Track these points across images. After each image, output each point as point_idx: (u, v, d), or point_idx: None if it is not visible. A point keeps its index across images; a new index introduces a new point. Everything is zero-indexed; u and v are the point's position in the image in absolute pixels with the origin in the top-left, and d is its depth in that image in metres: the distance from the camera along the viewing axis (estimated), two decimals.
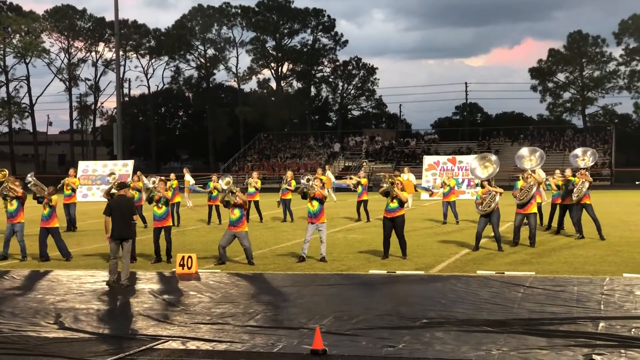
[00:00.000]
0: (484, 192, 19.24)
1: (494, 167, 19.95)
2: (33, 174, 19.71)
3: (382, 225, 18.21)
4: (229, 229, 17.64)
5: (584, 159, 22.71)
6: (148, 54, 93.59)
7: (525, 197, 19.72)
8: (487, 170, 19.96)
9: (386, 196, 17.83)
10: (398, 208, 17.73)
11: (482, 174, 19.92)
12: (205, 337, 10.52)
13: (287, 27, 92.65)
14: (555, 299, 12.66)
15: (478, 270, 15.93)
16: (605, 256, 17.75)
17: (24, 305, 13.17)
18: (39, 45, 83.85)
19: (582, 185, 21.29)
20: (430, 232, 23.94)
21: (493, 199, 19.07)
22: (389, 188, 17.67)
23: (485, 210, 19.08)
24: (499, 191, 19.20)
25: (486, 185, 19.33)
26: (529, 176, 20.00)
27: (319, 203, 17.74)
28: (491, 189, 19.17)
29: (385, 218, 17.92)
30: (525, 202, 19.76)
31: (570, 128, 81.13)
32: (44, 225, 18.95)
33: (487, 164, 20.07)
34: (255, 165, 70.92)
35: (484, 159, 20.36)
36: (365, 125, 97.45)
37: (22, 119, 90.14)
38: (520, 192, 19.84)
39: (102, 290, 14.68)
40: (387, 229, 17.89)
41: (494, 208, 19.12)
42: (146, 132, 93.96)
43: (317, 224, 17.76)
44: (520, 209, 19.86)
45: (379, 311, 11.99)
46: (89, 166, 48.93)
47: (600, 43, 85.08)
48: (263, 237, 23.26)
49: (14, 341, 10.52)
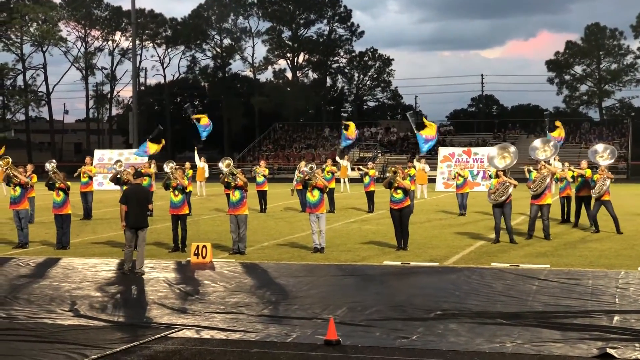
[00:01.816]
0: (499, 182, 19.23)
1: (512, 158, 19.88)
2: (54, 163, 19.77)
3: (391, 216, 18.29)
4: (230, 211, 17.79)
5: (603, 156, 22.64)
6: (164, 43, 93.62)
7: (540, 187, 19.77)
8: (505, 160, 19.92)
9: (390, 188, 17.87)
10: (403, 199, 17.80)
11: (500, 163, 19.89)
12: (220, 327, 10.55)
13: (303, 18, 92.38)
14: (569, 292, 12.63)
15: (492, 262, 15.90)
16: (620, 250, 17.67)
17: (40, 293, 13.24)
18: (56, 34, 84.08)
19: (603, 182, 21.15)
20: (445, 223, 23.90)
21: (506, 190, 19.10)
22: (392, 178, 17.69)
23: (497, 200, 19.15)
24: (514, 183, 19.20)
25: (501, 176, 19.32)
26: (543, 167, 20.00)
27: (319, 193, 17.84)
28: (506, 180, 19.16)
29: (393, 209, 18.01)
30: (539, 193, 19.80)
31: (586, 121, 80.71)
32: (57, 212, 18.98)
33: (506, 155, 20.03)
34: (270, 156, 70.95)
35: (504, 149, 20.33)
36: (381, 116, 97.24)
37: (39, 107, 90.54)
38: (534, 184, 19.88)
39: (117, 278, 14.74)
40: (396, 219, 18.01)
41: (507, 199, 19.12)
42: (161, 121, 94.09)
43: (317, 214, 17.81)
44: (534, 199, 19.93)
45: (392, 302, 11.99)
46: (105, 155, 49.09)
47: (618, 36, 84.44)
48: (278, 227, 23.29)
49: (29, 328, 10.59)
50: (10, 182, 19.54)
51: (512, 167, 20.50)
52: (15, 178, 19.45)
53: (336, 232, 21.87)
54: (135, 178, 16.62)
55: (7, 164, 19.86)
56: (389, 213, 18.42)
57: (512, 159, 19.90)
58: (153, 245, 19.01)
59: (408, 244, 18.11)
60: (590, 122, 79.80)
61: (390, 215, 18.39)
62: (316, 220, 17.79)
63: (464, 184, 26.79)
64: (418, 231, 21.59)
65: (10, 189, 19.86)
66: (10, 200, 19.73)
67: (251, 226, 21.88)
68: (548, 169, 20.05)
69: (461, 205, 26.76)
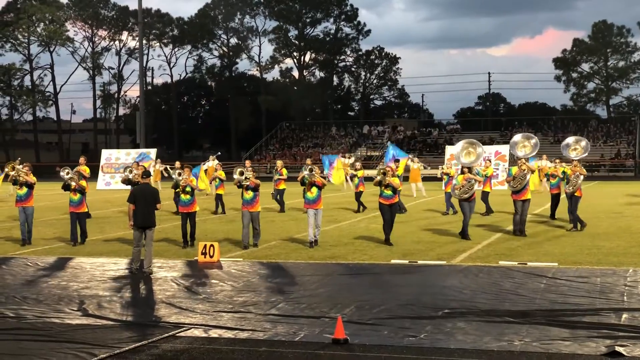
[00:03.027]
0: (464, 179, 19.66)
1: (477, 155, 20.35)
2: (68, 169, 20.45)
3: (380, 211, 19.14)
4: (244, 208, 18.60)
5: (576, 149, 22.58)
6: (171, 42, 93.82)
7: (519, 184, 19.94)
8: (470, 156, 20.35)
9: (380, 186, 18.83)
10: (393, 195, 18.91)
11: (465, 159, 20.27)
12: (228, 325, 10.56)
13: (309, 16, 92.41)
14: (578, 290, 12.61)
15: (500, 260, 15.88)
16: (628, 247, 17.63)
17: (48, 292, 13.28)
18: (63, 34, 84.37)
19: (577, 177, 21.10)
20: (452, 222, 23.85)
21: (472, 187, 19.56)
22: (381, 178, 18.71)
23: (462, 196, 19.58)
24: (479, 180, 19.99)
25: (467, 172, 19.78)
26: (522, 164, 20.16)
27: (317, 190, 18.75)
28: (471, 177, 19.65)
29: (383, 204, 18.91)
30: (519, 189, 19.97)
31: (594, 119, 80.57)
32: (73, 210, 19.78)
33: (471, 150, 20.44)
34: (278, 155, 70.97)
35: (470, 145, 20.66)
36: (388, 114, 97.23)
37: (46, 107, 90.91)
38: (514, 180, 20.05)
39: (125, 278, 14.77)
40: (387, 214, 18.92)
41: (472, 195, 19.62)
42: (169, 120, 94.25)
43: (315, 209, 18.70)
44: (515, 195, 20.13)
45: (400, 301, 11.99)
46: (112, 154, 49.20)
47: (625, 33, 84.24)
48: (285, 226, 23.30)
49: (38, 327, 10.62)
50: (17, 182, 20.25)
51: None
52: (21, 178, 20.12)
53: (343, 230, 21.87)
54: (143, 178, 16.64)
55: (12, 169, 20.70)
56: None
57: (477, 156, 20.40)
58: (161, 243, 19.05)
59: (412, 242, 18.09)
60: (597, 120, 79.66)
61: (379, 209, 19.16)
62: (314, 215, 18.63)
63: (449, 183, 26.32)
64: (425, 230, 21.58)
65: (16, 187, 20.60)
66: (16, 198, 20.45)
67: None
68: (527, 166, 20.21)
69: (447, 203, 26.67)
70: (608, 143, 69.48)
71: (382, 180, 18.74)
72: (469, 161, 20.21)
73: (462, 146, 20.57)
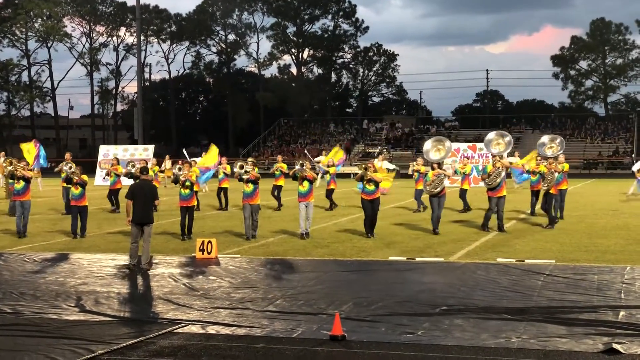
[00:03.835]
0: (434, 174, 20.13)
1: (445, 152, 21.26)
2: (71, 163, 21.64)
3: (362, 207, 19.73)
4: (244, 201, 19.37)
5: (552, 147, 22.95)
6: (169, 39, 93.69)
7: (494, 182, 20.17)
8: (439, 153, 21.15)
9: (362, 181, 19.51)
10: (375, 190, 19.42)
11: (434, 156, 21.04)
12: (225, 322, 10.56)
13: (307, 13, 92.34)
14: (575, 287, 12.61)
15: (498, 257, 15.88)
16: (626, 245, 17.65)
17: (45, 288, 13.27)
18: (61, 30, 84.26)
19: (551, 175, 21.29)
20: (449, 219, 23.84)
21: (441, 182, 20.07)
22: (363, 173, 19.35)
23: (432, 192, 20.13)
24: (448, 174, 20.61)
25: (436, 168, 20.27)
26: (497, 161, 20.43)
27: (309, 184, 19.55)
28: (441, 172, 20.20)
29: (365, 200, 19.49)
30: (494, 186, 20.20)
31: (592, 116, 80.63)
32: (75, 203, 20.41)
33: (440, 147, 21.19)
34: (275, 151, 70.96)
35: (439, 142, 21.47)
36: (386, 111, 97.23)
37: (44, 103, 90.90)
38: (489, 178, 20.28)
39: (122, 274, 14.76)
40: (368, 209, 19.46)
41: (442, 190, 20.15)
42: (166, 117, 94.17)
43: (306, 202, 19.48)
44: (491, 192, 20.37)
45: (398, 298, 11.99)
46: (110, 150, 49.14)
47: (623, 31, 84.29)
48: (283, 222, 23.28)
49: (35, 323, 10.61)
50: (15, 177, 20.81)
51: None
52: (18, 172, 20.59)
53: (341, 227, 21.87)
54: (141, 174, 16.64)
55: (10, 163, 21.18)
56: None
57: (445, 152, 21.30)
58: (159, 240, 19.04)
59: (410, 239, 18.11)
60: (595, 118, 79.71)
61: (362, 205, 19.77)
62: (305, 208, 19.42)
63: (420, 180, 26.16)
64: (422, 227, 21.58)
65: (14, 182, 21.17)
66: (14, 192, 21.33)
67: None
68: (502, 163, 20.43)
69: (416, 199, 26.66)
70: (606, 141, 69.54)
71: (364, 176, 19.30)
72: (438, 158, 20.99)
73: (431, 144, 21.41)
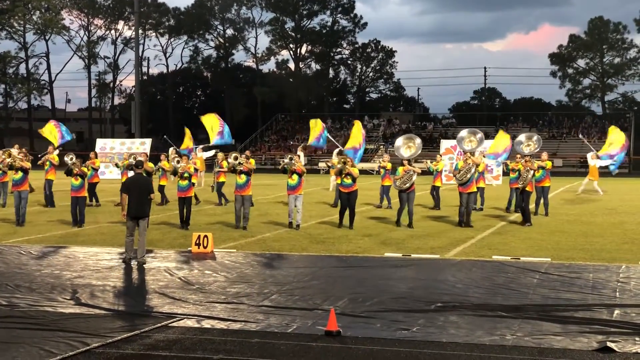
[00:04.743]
0: (404, 170, 20.90)
1: (416, 149, 21.93)
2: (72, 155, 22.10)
3: (340, 199, 20.93)
4: (236, 192, 20.30)
5: (529, 145, 23.48)
6: (167, 33, 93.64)
7: (464, 177, 20.72)
8: (410, 150, 21.92)
9: (340, 174, 20.46)
10: (352, 184, 20.34)
11: (405, 153, 21.88)
12: (220, 316, 10.56)
13: (306, 8, 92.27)
14: (570, 286, 12.63)
15: (494, 255, 15.90)
16: (621, 244, 17.68)
17: (41, 281, 13.26)
18: (59, 23, 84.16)
19: (526, 173, 21.56)
20: (445, 216, 23.87)
21: (410, 178, 20.77)
22: (342, 167, 20.40)
23: (401, 187, 20.82)
24: (417, 171, 21.09)
25: (406, 164, 20.99)
26: (468, 158, 21.10)
27: (298, 177, 20.52)
28: (410, 168, 20.86)
29: (342, 192, 20.58)
30: (465, 181, 20.75)
31: (589, 115, 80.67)
32: (74, 194, 21.09)
33: (411, 145, 22.00)
34: (273, 146, 70.95)
35: (410, 140, 22.36)
36: (383, 108, 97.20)
37: (41, 96, 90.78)
38: (460, 173, 20.86)
39: (118, 267, 14.76)
40: (345, 201, 20.53)
41: (411, 186, 20.78)
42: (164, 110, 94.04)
43: (296, 195, 20.45)
44: (462, 187, 20.91)
45: (393, 294, 12.00)
46: (107, 144, 49.14)
47: (621, 30, 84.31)
48: (280, 218, 23.27)
49: (31, 316, 10.60)
50: (13, 167, 21.78)
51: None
52: (17, 163, 21.58)
53: (337, 223, 21.85)
54: (137, 168, 16.62)
55: (8, 155, 22.25)
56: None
57: (416, 149, 21.93)
58: (155, 234, 19.04)
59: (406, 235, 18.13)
60: (592, 116, 79.75)
61: (339, 197, 20.95)
62: (294, 200, 20.41)
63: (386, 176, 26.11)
64: (419, 223, 21.59)
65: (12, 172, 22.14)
66: (12, 182, 22.03)
67: (252, 216, 21.91)
68: (472, 160, 21.04)
69: (381, 196, 26.62)
70: (603, 139, 69.47)
71: (343, 169, 20.34)
72: (409, 154, 21.73)
73: (402, 141, 22.27)
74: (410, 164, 21.14)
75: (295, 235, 19.22)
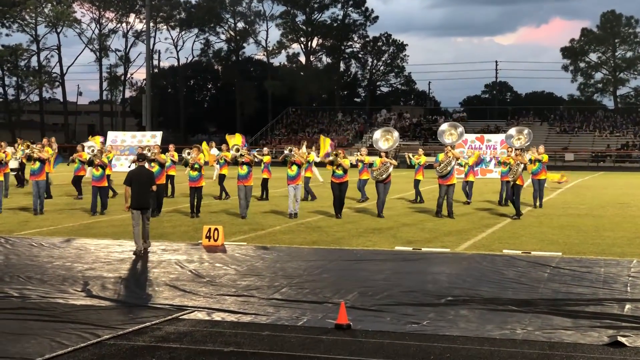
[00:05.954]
0: (381, 162, 21.57)
1: (394, 141, 22.87)
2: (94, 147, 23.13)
3: (332, 189, 21.52)
4: (239, 183, 21.10)
5: (520, 139, 23.81)
6: (178, 26, 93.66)
7: (445, 170, 21.35)
8: (388, 142, 22.77)
9: (333, 165, 21.39)
10: (343, 175, 21.31)
11: (383, 145, 22.61)
12: (231, 309, 10.59)
13: (317, 2, 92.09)
14: (581, 280, 12.61)
15: (504, 249, 15.88)
16: (633, 238, 17.63)
17: (53, 273, 13.31)
18: (70, 15, 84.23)
19: (517, 166, 21.70)
20: (456, 210, 23.82)
21: (387, 170, 21.41)
22: (334, 158, 21.37)
23: (378, 178, 21.45)
24: (394, 163, 21.94)
25: (383, 156, 21.68)
26: (449, 151, 21.70)
27: (297, 168, 21.48)
28: (387, 161, 21.53)
29: (335, 183, 21.36)
30: (445, 174, 21.37)
31: (601, 109, 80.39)
32: (95, 184, 22.22)
33: (389, 137, 22.76)
34: (283, 140, 70.98)
35: (388, 132, 23.19)
36: (394, 101, 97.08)
37: (53, 89, 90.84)
38: (440, 166, 21.51)
39: (129, 260, 14.80)
40: (336, 191, 21.37)
41: (387, 177, 21.46)
42: (175, 104, 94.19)
43: (295, 185, 21.35)
44: (441, 179, 21.55)
45: (403, 287, 12.00)
46: (118, 136, 49.23)
47: (634, 23, 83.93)
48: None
49: (42, 307, 10.64)
50: (31, 158, 22.79)
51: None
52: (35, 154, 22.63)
53: (348, 217, 21.89)
54: (139, 161, 16.81)
55: (27, 147, 23.28)
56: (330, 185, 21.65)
57: (394, 142, 22.89)
58: (166, 226, 19.12)
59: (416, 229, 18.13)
60: (604, 110, 79.48)
61: (331, 187, 21.56)
62: (293, 190, 21.32)
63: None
64: (429, 217, 21.59)
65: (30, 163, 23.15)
66: (30, 172, 22.99)
67: (262, 209, 21.95)
68: (453, 153, 21.81)
69: (359, 189, 26.61)
70: (614, 134, 69.32)
71: (335, 161, 21.29)
72: (387, 147, 22.54)
73: (380, 134, 22.98)
74: (388, 156, 21.85)
75: (305, 228, 19.24)
